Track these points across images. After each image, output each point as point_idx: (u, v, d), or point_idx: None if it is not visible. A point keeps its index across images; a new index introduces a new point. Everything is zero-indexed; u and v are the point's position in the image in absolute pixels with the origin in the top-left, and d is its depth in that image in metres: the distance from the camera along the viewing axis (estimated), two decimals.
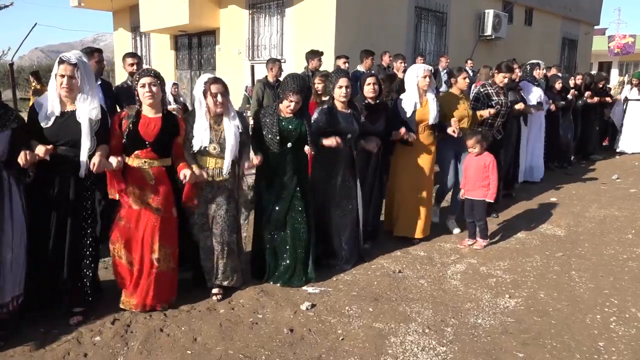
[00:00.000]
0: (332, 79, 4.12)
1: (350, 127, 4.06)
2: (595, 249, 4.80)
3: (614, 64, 26.40)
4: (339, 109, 4.06)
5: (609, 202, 6.47)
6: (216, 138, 3.44)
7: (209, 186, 3.49)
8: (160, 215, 3.31)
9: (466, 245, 4.77)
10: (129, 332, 3.18)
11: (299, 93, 3.67)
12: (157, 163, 3.29)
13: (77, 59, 3.11)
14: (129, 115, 3.26)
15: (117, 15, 16.49)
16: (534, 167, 7.33)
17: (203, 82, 3.40)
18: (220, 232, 3.54)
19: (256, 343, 3.09)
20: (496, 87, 5.43)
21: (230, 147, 3.43)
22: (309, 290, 3.82)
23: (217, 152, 3.45)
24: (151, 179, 3.28)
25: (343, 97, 4.02)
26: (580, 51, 17.69)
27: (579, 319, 3.43)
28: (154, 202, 3.30)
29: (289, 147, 3.76)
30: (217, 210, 3.53)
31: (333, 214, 4.15)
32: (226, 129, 3.45)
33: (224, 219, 3.54)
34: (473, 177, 4.66)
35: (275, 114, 3.75)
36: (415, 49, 11.28)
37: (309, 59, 7.14)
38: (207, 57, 13.22)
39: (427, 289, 3.89)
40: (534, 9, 14.87)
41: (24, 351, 2.94)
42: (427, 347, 3.07)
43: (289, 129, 3.74)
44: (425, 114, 4.61)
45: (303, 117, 3.79)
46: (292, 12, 10.44)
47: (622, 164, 9.17)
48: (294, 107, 3.70)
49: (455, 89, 5.09)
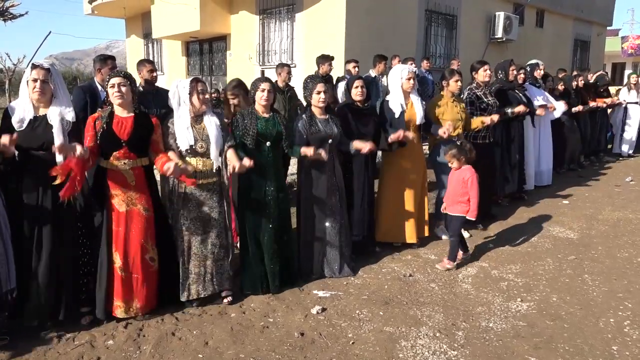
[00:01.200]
0: (308, 85, 4.05)
1: (330, 132, 4.02)
2: (608, 252, 4.75)
3: (628, 65, 26.11)
4: (317, 115, 4.05)
5: (622, 205, 6.40)
6: (199, 135, 3.47)
7: (199, 189, 3.49)
8: (148, 215, 3.35)
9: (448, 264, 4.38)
10: (142, 335, 3.22)
11: (269, 81, 3.78)
12: (137, 163, 3.32)
13: (50, 66, 3.18)
14: (102, 117, 3.27)
15: (129, 23, 16.70)
16: (544, 171, 7.23)
17: (188, 83, 3.47)
18: (217, 234, 3.56)
19: (267, 347, 3.11)
20: (482, 89, 5.38)
21: (215, 139, 3.46)
22: (319, 294, 3.83)
23: (203, 150, 3.47)
24: (132, 180, 3.30)
25: (321, 102, 4.00)
26: (592, 53, 17.53)
27: (592, 323, 3.39)
28: (140, 202, 3.32)
29: (268, 147, 3.76)
30: (210, 213, 3.54)
31: (317, 222, 4.08)
32: (207, 125, 3.49)
33: (217, 221, 3.57)
34: (452, 192, 4.37)
35: (253, 115, 3.75)
36: (426, 52, 11.26)
37: (320, 63, 7.18)
38: (218, 62, 13.33)
39: (438, 293, 3.88)
40: (545, 10, 14.78)
41: (37, 355, 2.99)
42: (438, 351, 3.06)
43: (267, 129, 3.74)
44: (412, 115, 4.57)
45: (278, 116, 3.85)
46: (302, 17, 10.50)
47: (636, 165, 9.06)
48: (267, 96, 3.74)
49: (446, 91, 4.98)
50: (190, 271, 3.54)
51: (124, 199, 3.28)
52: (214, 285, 3.61)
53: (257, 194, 3.77)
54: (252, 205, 3.78)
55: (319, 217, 4.08)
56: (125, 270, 3.30)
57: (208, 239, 3.55)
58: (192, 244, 3.53)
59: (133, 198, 3.30)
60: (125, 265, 3.29)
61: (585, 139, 8.75)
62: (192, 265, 3.53)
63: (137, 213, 3.31)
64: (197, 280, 3.55)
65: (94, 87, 4.50)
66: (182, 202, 3.50)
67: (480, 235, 5.22)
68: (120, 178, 3.28)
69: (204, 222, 3.53)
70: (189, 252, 3.53)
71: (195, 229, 3.52)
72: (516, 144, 6.11)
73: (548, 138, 7.20)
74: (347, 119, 4.30)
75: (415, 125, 4.62)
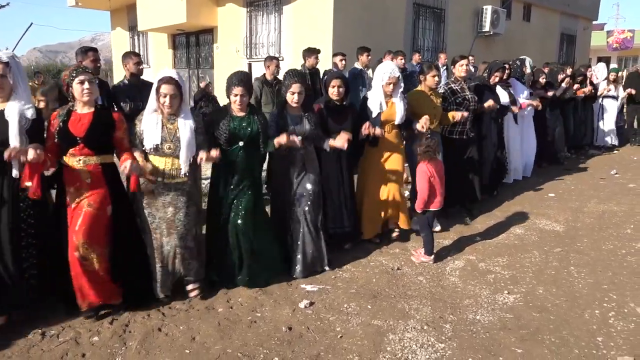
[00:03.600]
0: (285, 81, 3.98)
1: (300, 130, 3.92)
2: (594, 244, 4.80)
3: (613, 59, 26.40)
4: (290, 112, 3.98)
5: (607, 197, 6.47)
6: (169, 136, 3.34)
7: (166, 188, 3.39)
8: (89, 211, 3.15)
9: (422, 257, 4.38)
10: (127, 331, 3.18)
11: (244, 86, 3.62)
12: (94, 160, 3.19)
13: (9, 58, 3.07)
14: (60, 114, 3.18)
15: (114, 15, 16.48)
16: (526, 164, 7.30)
17: (156, 81, 3.33)
18: (181, 236, 3.45)
19: (255, 341, 3.09)
20: (459, 83, 5.32)
21: (186, 143, 3.33)
22: (307, 288, 3.81)
23: (171, 151, 3.34)
24: (87, 177, 3.17)
25: (294, 103, 3.93)
26: (578, 47, 17.70)
27: (578, 315, 3.42)
28: (89, 199, 3.17)
29: (241, 146, 3.66)
30: (176, 214, 3.42)
31: (291, 218, 4.02)
32: (180, 128, 3.35)
33: (183, 223, 3.44)
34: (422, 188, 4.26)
35: (227, 113, 3.67)
36: (414, 45, 11.28)
37: (306, 56, 7.14)
38: (205, 55, 13.22)
39: (426, 286, 3.89)
40: (532, 4, 14.86)
41: (21, 352, 2.94)
42: (425, 344, 3.06)
43: (241, 128, 3.64)
44: (391, 114, 4.45)
45: (255, 115, 3.74)
46: (289, 10, 10.43)
47: (620, 158, 9.17)
48: (240, 101, 3.62)
49: (424, 86, 4.89)
50: (160, 269, 3.47)
51: (76, 195, 3.16)
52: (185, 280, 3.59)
53: (227, 193, 3.68)
54: (223, 204, 3.69)
55: (289, 214, 4.01)
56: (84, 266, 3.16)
57: (175, 239, 3.44)
58: (161, 242, 3.44)
59: (84, 195, 3.16)
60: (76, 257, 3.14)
61: (569, 132, 8.80)
62: (161, 264, 3.47)
63: (79, 208, 3.16)
64: (167, 279, 3.51)
65: None
66: (148, 200, 3.39)
67: (467, 228, 5.25)
68: (75, 175, 3.16)
69: (169, 222, 3.42)
70: (160, 250, 3.45)
71: (162, 228, 3.42)
72: (489, 141, 5.96)
73: (531, 132, 7.23)
74: (324, 117, 4.22)
75: (393, 124, 4.51)
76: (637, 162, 8.78)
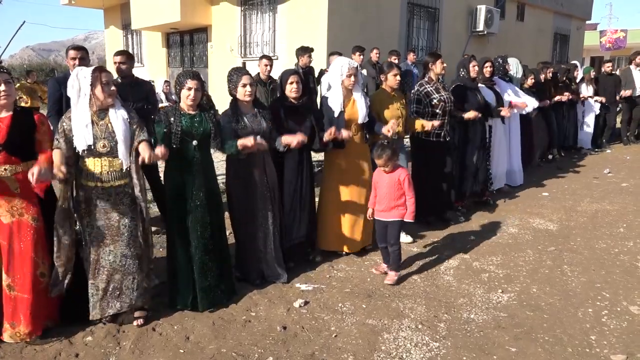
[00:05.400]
0: (232, 77, 3.68)
1: (258, 127, 3.69)
2: (587, 243, 4.83)
3: (606, 59, 26.53)
4: (243, 110, 3.72)
5: (600, 197, 6.50)
6: (102, 134, 3.02)
7: (105, 193, 3.06)
8: (38, 225, 2.98)
9: (382, 270, 4.06)
10: (121, 331, 3.17)
11: (196, 79, 3.36)
12: (21, 168, 2.92)
13: None
14: None
15: (108, 13, 16.39)
16: (516, 171, 6.95)
17: (90, 72, 3.01)
18: (127, 244, 3.12)
19: (249, 341, 3.08)
20: (434, 84, 5.05)
21: (123, 137, 3.03)
22: (302, 288, 3.81)
23: (106, 150, 3.02)
24: (16, 187, 2.92)
25: (247, 96, 3.65)
26: (572, 46, 17.79)
27: (571, 313, 3.44)
28: (28, 212, 2.95)
29: (195, 146, 3.40)
30: (120, 220, 3.11)
31: (249, 227, 3.83)
32: (113, 120, 3.04)
33: (129, 228, 3.13)
34: (386, 196, 3.87)
35: (177, 111, 3.38)
36: (408, 45, 11.29)
37: (299, 55, 7.14)
38: (199, 54, 13.18)
39: (420, 285, 3.90)
40: (526, 4, 14.92)
41: (14, 352, 2.92)
42: (420, 343, 3.07)
43: (193, 127, 3.37)
44: (353, 113, 4.19)
45: (207, 113, 3.48)
46: (284, 9, 10.41)
47: (613, 158, 9.22)
48: (194, 95, 3.36)
49: (385, 86, 4.62)
50: (97, 287, 3.13)
51: (7, 209, 2.91)
52: (122, 302, 3.16)
53: (183, 198, 3.40)
54: (179, 211, 3.41)
55: (251, 220, 3.81)
56: (12, 289, 2.94)
57: (117, 250, 3.11)
58: (100, 255, 3.11)
59: (19, 207, 2.93)
60: (13, 283, 2.93)
61: (553, 133, 8.67)
62: (99, 280, 3.12)
63: (25, 224, 2.93)
64: (104, 297, 3.14)
65: (69, 78, 4.38)
66: (85, 208, 3.08)
67: (461, 228, 5.26)
68: (2, 186, 2.89)
69: (111, 231, 3.10)
70: (96, 265, 3.11)
71: (102, 238, 3.09)
72: (473, 145, 5.68)
73: (517, 135, 6.93)
74: (279, 116, 3.94)
75: (357, 124, 4.24)
76: (630, 162, 8.84)
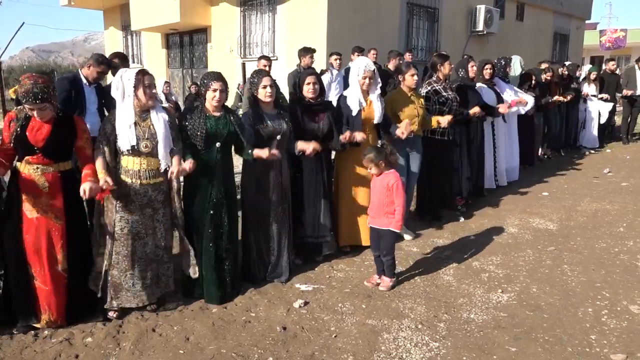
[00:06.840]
0: (254, 79, 3.78)
1: (279, 128, 3.77)
2: (587, 242, 4.82)
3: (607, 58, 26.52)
4: (265, 110, 3.81)
5: (600, 196, 6.50)
6: (144, 134, 3.16)
7: (142, 190, 3.21)
8: (60, 224, 3.08)
9: (374, 282, 3.90)
10: (121, 332, 3.17)
11: (221, 81, 3.47)
12: (52, 169, 3.05)
13: None
14: (18, 118, 2.99)
15: (107, 14, 16.41)
16: (513, 168, 7.03)
17: (134, 75, 3.13)
18: (161, 237, 3.34)
19: (249, 342, 3.08)
20: (442, 83, 5.17)
21: (163, 138, 3.17)
22: (302, 288, 3.81)
23: (148, 150, 3.16)
24: (44, 187, 3.03)
25: (268, 97, 3.74)
26: (571, 46, 17.79)
27: (571, 313, 3.44)
28: (52, 210, 3.06)
29: (218, 148, 3.48)
30: (154, 215, 3.29)
31: (261, 225, 3.89)
32: (155, 122, 3.18)
33: (162, 223, 3.32)
34: (377, 202, 3.79)
35: (202, 113, 3.48)
36: (408, 45, 11.30)
37: (301, 56, 7.14)
38: (198, 55, 13.19)
39: (420, 285, 3.90)
40: (526, 4, 14.92)
41: (14, 353, 2.92)
42: (420, 343, 3.07)
43: (217, 129, 3.46)
44: (370, 113, 4.28)
45: (231, 115, 3.58)
46: (283, 9, 10.42)
47: (613, 157, 9.22)
48: (220, 97, 3.46)
49: (404, 86, 4.71)
50: (135, 276, 3.28)
51: (34, 204, 3.02)
52: (161, 289, 3.42)
53: (201, 198, 3.50)
54: (197, 209, 3.51)
55: (263, 219, 3.87)
56: (36, 279, 3.08)
57: (150, 242, 3.29)
58: (136, 247, 3.25)
59: (44, 205, 3.04)
60: (36, 274, 3.07)
61: (552, 133, 8.71)
62: (137, 270, 3.28)
63: (47, 221, 3.05)
64: (144, 286, 3.32)
65: (78, 79, 4.39)
66: (122, 203, 3.20)
67: (461, 227, 5.26)
68: (31, 183, 3.01)
69: (146, 225, 3.26)
70: (133, 257, 3.25)
71: (137, 232, 3.24)
72: (476, 145, 5.84)
73: (515, 134, 7.02)
74: (297, 116, 4.03)
75: (373, 124, 4.35)
76: (630, 161, 8.83)
